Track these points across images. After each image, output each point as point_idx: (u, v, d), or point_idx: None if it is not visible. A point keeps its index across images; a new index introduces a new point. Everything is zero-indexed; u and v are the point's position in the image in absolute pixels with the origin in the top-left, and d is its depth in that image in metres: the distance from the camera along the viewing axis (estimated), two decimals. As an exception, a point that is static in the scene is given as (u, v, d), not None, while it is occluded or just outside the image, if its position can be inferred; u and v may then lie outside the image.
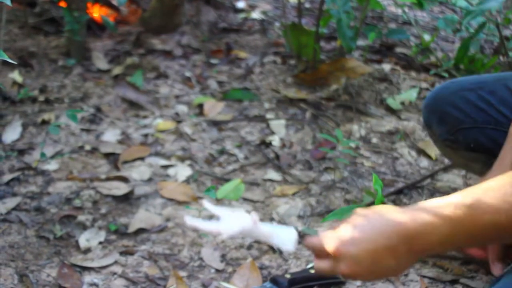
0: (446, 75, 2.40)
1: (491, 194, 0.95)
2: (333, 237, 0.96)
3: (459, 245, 0.98)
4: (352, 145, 1.94)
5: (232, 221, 1.17)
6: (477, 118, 1.44)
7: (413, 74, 2.42)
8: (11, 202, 1.61)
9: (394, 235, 0.94)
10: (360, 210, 1.00)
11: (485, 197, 0.95)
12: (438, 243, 0.94)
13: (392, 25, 2.95)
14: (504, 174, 0.98)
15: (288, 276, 1.41)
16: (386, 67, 2.42)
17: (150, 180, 1.75)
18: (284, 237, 1.22)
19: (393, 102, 2.18)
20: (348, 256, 0.94)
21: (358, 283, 1.44)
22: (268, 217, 1.64)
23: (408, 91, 2.25)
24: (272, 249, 1.53)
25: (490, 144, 1.43)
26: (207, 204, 1.23)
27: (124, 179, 1.73)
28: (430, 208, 0.96)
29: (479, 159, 1.46)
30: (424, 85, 2.32)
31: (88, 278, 1.41)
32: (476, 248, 1.28)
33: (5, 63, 2.17)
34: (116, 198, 1.67)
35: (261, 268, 1.47)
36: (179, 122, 2.04)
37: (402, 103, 2.19)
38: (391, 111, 2.15)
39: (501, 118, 1.43)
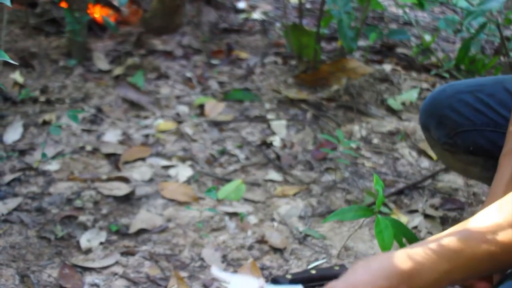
0: (447, 75, 2.40)
1: (483, 225, 0.96)
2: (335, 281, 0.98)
3: (456, 280, 0.99)
4: (353, 145, 1.94)
5: (240, 285, 1.21)
6: (476, 121, 1.43)
7: (414, 74, 2.42)
8: (12, 203, 1.61)
9: (393, 276, 0.96)
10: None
11: (478, 229, 0.96)
12: (437, 281, 0.96)
13: (393, 26, 2.95)
14: (493, 204, 0.99)
15: (289, 276, 1.41)
16: (387, 67, 2.42)
17: (151, 180, 1.76)
18: None
19: (394, 102, 2.18)
20: None
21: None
22: (269, 218, 1.64)
23: (409, 91, 2.25)
24: (273, 250, 1.54)
25: (489, 146, 1.42)
26: (215, 270, 1.27)
27: (125, 180, 1.73)
28: (426, 246, 0.98)
29: (477, 163, 1.45)
30: (424, 85, 2.33)
31: (89, 278, 1.41)
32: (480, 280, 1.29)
33: (6, 63, 2.17)
34: (117, 198, 1.67)
35: (262, 268, 1.47)
36: (180, 122, 2.04)
37: (403, 104, 2.19)
38: (392, 111, 2.15)
39: (500, 120, 1.42)
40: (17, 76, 2.14)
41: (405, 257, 0.98)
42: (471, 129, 1.43)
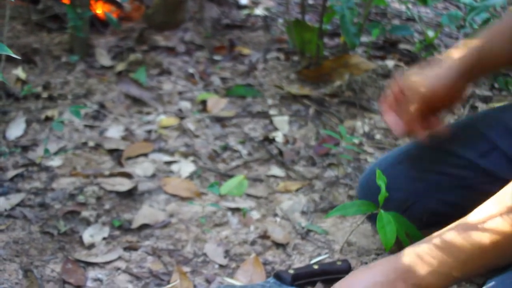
0: (449, 71, 2.40)
1: (482, 217, 0.97)
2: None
3: (455, 277, 0.99)
4: (356, 141, 1.94)
5: None
6: (417, 190, 1.37)
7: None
8: (15, 198, 1.61)
9: (390, 271, 0.98)
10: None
11: (476, 221, 0.97)
12: (434, 275, 0.97)
13: (396, 22, 2.95)
14: (490, 198, 0.99)
15: (291, 271, 1.41)
16: (390, 63, 2.42)
17: (153, 176, 1.76)
18: None
19: (397, 98, 2.17)
20: None
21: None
22: (271, 213, 1.64)
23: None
24: (276, 245, 1.54)
25: (444, 208, 1.36)
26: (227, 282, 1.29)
27: (128, 175, 1.74)
28: (424, 242, 1.00)
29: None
30: (427, 81, 2.32)
31: (92, 273, 1.41)
32: None
33: (8, 59, 2.17)
34: (119, 194, 1.67)
35: (265, 263, 1.47)
36: (182, 118, 2.04)
37: (406, 99, 2.18)
38: (395, 107, 2.15)
39: (441, 178, 1.37)
40: (19, 72, 2.14)
41: (402, 254, 1.00)
42: (417, 199, 1.37)
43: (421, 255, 0.99)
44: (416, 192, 1.37)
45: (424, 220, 1.34)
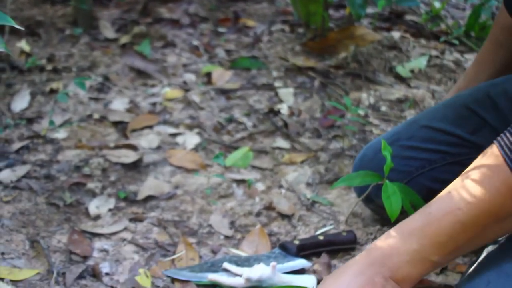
0: (456, 42, 2.38)
1: (447, 197, 0.93)
2: None
3: (434, 262, 0.93)
4: (361, 112, 1.93)
5: (253, 270, 1.23)
6: (410, 169, 1.37)
7: (423, 41, 2.40)
8: (21, 170, 1.62)
9: (366, 268, 0.93)
10: None
11: (442, 201, 0.93)
12: (411, 263, 0.91)
13: (402, -7, 2.92)
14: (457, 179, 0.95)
15: (296, 242, 1.41)
16: (396, 34, 2.40)
17: (158, 148, 1.76)
18: (304, 284, 1.26)
19: (403, 70, 2.16)
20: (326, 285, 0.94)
21: (367, 245, 1.45)
22: (277, 185, 1.65)
23: (418, 58, 2.23)
24: (281, 216, 1.54)
25: (437, 186, 1.35)
26: (227, 264, 1.28)
27: (133, 147, 1.74)
28: (395, 229, 0.94)
29: None
30: (434, 52, 2.31)
31: (98, 244, 1.42)
32: None
33: (12, 32, 2.16)
34: (125, 166, 1.67)
35: (270, 234, 1.48)
36: (187, 90, 2.03)
37: (412, 71, 2.17)
38: (401, 79, 2.14)
39: (433, 156, 1.37)
40: (23, 44, 2.14)
41: (375, 246, 0.94)
42: (410, 178, 1.38)
43: (394, 244, 0.93)
44: (409, 171, 1.38)
45: (421, 198, 1.34)
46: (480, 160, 0.94)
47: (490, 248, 0.99)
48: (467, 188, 0.91)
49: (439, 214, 0.91)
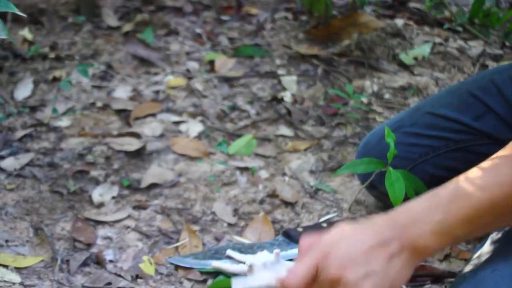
0: (460, 29, 2.37)
1: (483, 173, 0.89)
2: (324, 256, 0.87)
3: (456, 237, 0.89)
4: (364, 100, 1.93)
5: (256, 257, 1.23)
6: (413, 156, 1.37)
7: (427, 29, 2.39)
8: (24, 158, 1.62)
9: (386, 231, 0.88)
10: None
11: (477, 177, 0.89)
12: (432, 233, 0.87)
13: (405, -20, 2.91)
14: (495, 156, 0.91)
15: (300, 229, 1.41)
16: (399, 22, 2.39)
17: (162, 136, 1.76)
18: None
19: (406, 57, 2.15)
20: (338, 256, 0.86)
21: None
22: (280, 172, 1.64)
23: (421, 46, 2.22)
24: (285, 204, 1.54)
25: (440, 172, 1.36)
26: (231, 252, 1.28)
27: (136, 135, 1.74)
28: (421, 198, 0.90)
29: None
30: (437, 40, 2.30)
31: (102, 231, 1.42)
32: None
33: (14, 20, 2.16)
34: (128, 153, 1.67)
35: (274, 222, 1.48)
36: (190, 78, 2.03)
37: (415, 58, 2.17)
38: (404, 66, 2.13)
39: (436, 143, 1.37)
40: (26, 32, 2.13)
41: (398, 211, 0.90)
42: (413, 165, 1.38)
43: (418, 213, 0.89)
44: (413, 158, 1.38)
45: (425, 185, 1.34)
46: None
47: (495, 235, 0.99)
48: (499, 166, 0.89)
49: (469, 189, 0.88)
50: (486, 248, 0.96)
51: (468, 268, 0.95)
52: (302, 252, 0.90)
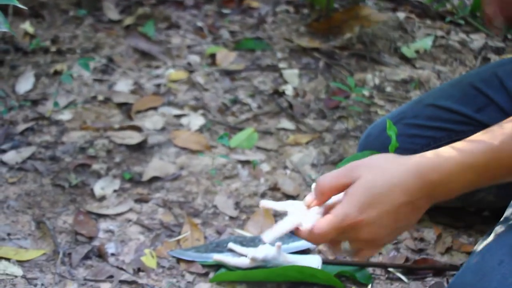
0: (462, 22, 2.36)
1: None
2: (347, 204, 0.87)
3: (480, 187, 0.91)
4: (366, 93, 1.92)
5: (258, 250, 1.23)
6: (414, 146, 1.37)
7: (428, 22, 2.38)
8: (26, 152, 1.62)
9: (416, 191, 0.87)
10: (364, 162, 0.91)
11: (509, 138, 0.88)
12: (461, 189, 0.89)
13: (407, -27, 2.90)
14: None
15: (301, 222, 1.41)
16: (401, 15, 2.39)
17: (163, 129, 1.76)
18: (309, 264, 1.26)
19: (408, 50, 2.15)
20: (371, 224, 0.86)
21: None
22: (282, 166, 1.64)
23: (423, 39, 2.22)
24: (286, 197, 1.54)
25: None
26: (232, 245, 1.28)
27: (137, 129, 1.74)
28: (452, 154, 0.89)
29: None
30: (439, 33, 2.29)
31: (103, 225, 1.42)
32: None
33: (16, 14, 2.15)
34: (129, 147, 1.67)
35: (275, 215, 1.48)
36: (191, 72, 2.03)
37: (417, 52, 2.16)
38: (406, 59, 2.13)
39: (438, 133, 1.37)
40: (27, 26, 2.13)
41: (430, 168, 0.88)
42: None
43: (453, 173, 0.88)
44: (415, 149, 1.37)
45: None
46: None
47: (499, 228, 0.99)
48: None
49: (506, 154, 0.88)
50: (492, 241, 0.96)
51: (473, 260, 0.95)
52: (321, 195, 0.90)
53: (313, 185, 0.93)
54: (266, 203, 0.96)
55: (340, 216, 0.86)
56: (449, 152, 0.89)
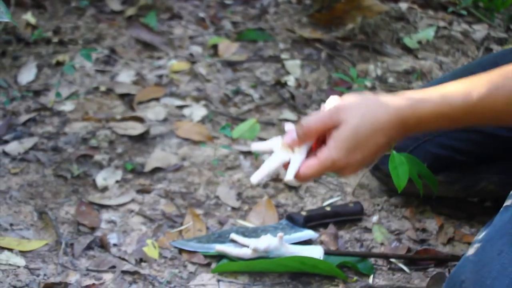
0: (464, 13, 2.36)
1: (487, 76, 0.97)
2: (335, 149, 0.95)
3: (457, 121, 0.98)
4: (368, 84, 1.92)
5: (260, 241, 1.23)
6: (417, 135, 1.38)
7: (431, 12, 2.37)
8: (28, 142, 1.62)
9: (395, 133, 0.97)
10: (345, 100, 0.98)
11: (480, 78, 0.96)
12: (435, 131, 1.02)
13: (410, -37, 2.89)
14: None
15: (303, 213, 1.42)
16: (403, 5, 2.38)
17: (165, 120, 1.76)
18: (311, 254, 1.26)
19: (410, 41, 2.15)
20: (355, 163, 0.97)
21: (374, 219, 1.45)
22: (283, 156, 1.64)
23: (425, 30, 2.21)
24: (288, 188, 1.54)
25: (443, 152, 1.38)
26: (234, 235, 1.28)
27: (140, 119, 1.74)
28: (431, 102, 0.96)
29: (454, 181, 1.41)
30: (441, 23, 2.28)
31: (106, 215, 1.43)
32: None
33: (17, 4, 2.15)
34: (132, 138, 1.67)
35: (277, 206, 1.48)
36: (193, 63, 2.02)
37: (419, 42, 2.16)
38: (408, 50, 2.12)
39: None
40: (29, 17, 2.13)
41: (408, 116, 0.96)
42: (417, 145, 1.39)
43: (430, 122, 0.97)
44: (416, 138, 1.39)
45: (427, 165, 1.34)
46: None
47: (498, 218, 0.99)
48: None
49: (478, 102, 0.94)
50: (492, 231, 0.97)
51: (473, 250, 0.95)
52: (305, 137, 0.98)
53: (289, 125, 1.01)
54: (256, 145, 1.04)
55: (328, 161, 0.95)
56: (429, 98, 0.96)
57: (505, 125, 1.10)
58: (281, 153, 0.98)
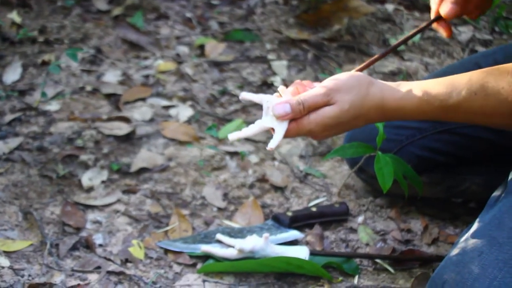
0: (450, 15, 2.37)
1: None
2: (315, 124, 1.00)
3: (435, 118, 1.03)
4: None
5: (246, 241, 1.23)
6: (400, 138, 1.40)
7: (417, 14, 2.39)
8: (13, 142, 1.61)
9: (375, 120, 1.04)
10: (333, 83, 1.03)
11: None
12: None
13: (396, -35, 2.90)
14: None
15: (289, 214, 1.42)
16: (390, 7, 2.39)
17: (151, 120, 1.75)
18: (296, 255, 1.27)
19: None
20: (328, 136, 1.05)
21: (360, 220, 1.46)
22: (270, 157, 1.65)
23: (411, 31, 2.22)
24: (274, 188, 1.55)
25: (426, 153, 1.40)
26: (220, 236, 1.29)
27: (126, 120, 1.73)
28: (413, 99, 1.00)
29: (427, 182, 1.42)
30: (427, 25, 2.29)
31: (91, 215, 1.42)
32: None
33: (2, 3, 2.14)
34: (118, 138, 1.67)
35: (263, 206, 1.49)
36: (180, 63, 2.02)
37: (405, 44, 2.16)
38: (394, 51, 2.13)
39: (423, 125, 1.40)
40: (14, 16, 2.11)
41: (390, 109, 1.01)
42: (400, 147, 1.41)
43: (411, 114, 1.02)
44: (400, 140, 1.40)
45: (412, 166, 1.35)
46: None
47: (481, 220, 1.00)
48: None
49: (460, 101, 0.99)
50: (473, 233, 0.98)
51: (455, 251, 0.96)
52: (299, 112, 1.00)
53: (282, 88, 1.04)
54: (246, 95, 1.06)
55: (305, 130, 1.01)
56: (411, 95, 1.00)
57: (480, 126, 1.13)
58: (266, 119, 1.02)
